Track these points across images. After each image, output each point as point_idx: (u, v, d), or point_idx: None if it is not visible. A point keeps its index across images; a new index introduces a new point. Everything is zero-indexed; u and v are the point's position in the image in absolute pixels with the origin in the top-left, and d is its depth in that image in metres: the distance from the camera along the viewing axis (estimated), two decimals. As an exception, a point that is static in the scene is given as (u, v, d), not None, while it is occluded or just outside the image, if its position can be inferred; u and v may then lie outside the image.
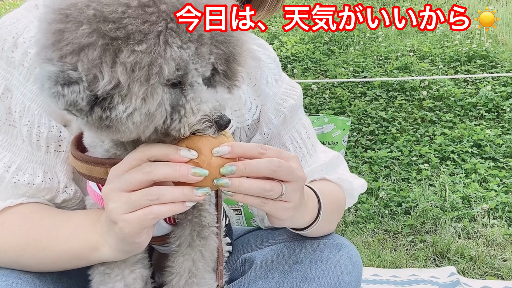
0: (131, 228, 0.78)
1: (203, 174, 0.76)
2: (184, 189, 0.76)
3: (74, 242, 0.89)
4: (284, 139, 1.25)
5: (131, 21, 0.68)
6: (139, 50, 0.68)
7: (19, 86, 0.96)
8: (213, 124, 0.76)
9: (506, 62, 5.47)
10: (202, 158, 0.76)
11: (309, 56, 6.08)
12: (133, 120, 0.71)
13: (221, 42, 0.77)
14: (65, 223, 0.92)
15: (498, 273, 2.57)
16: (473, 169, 3.81)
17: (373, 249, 2.84)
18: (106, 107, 0.70)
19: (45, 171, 0.99)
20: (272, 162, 0.80)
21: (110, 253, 0.86)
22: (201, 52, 0.75)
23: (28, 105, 0.96)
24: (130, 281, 0.91)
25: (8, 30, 0.97)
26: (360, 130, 4.56)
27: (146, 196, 0.76)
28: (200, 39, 0.74)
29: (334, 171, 1.25)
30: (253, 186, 0.79)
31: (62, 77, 0.68)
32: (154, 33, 0.69)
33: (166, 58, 0.70)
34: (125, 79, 0.68)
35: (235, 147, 0.78)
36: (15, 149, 0.97)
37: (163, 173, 0.76)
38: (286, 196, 0.83)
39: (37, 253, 0.92)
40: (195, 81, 0.76)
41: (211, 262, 0.94)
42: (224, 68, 0.81)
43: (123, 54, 0.68)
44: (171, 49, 0.70)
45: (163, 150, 0.77)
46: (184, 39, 0.72)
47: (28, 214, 0.95)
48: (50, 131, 0.98)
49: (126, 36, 0.68)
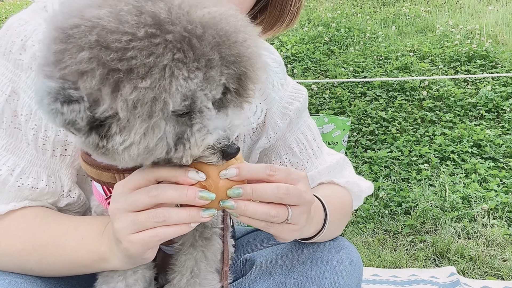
0: (136, 249, 0.79)
1: (210, 198, 0.75)
2: (191, 211, 0.76)
3: (81, 253, 0.90)
4: (289, 141, 1.25)
5: (136, 53, 0.63)
6: (142, 87, 0.64)
7: (27, 89, 0.95)
8: (217, 153, 0.73)
9: (506, 62, 5.47)
10: (210, 182, 0.76)
11: (309, 56, 6.08)
12: (130, 153, 0.68)
13: (232, 63, 0.73)
14: (71, 232, 0.92)
15: (498, 273, 2.58)
16: (473, 169, 3.82)
17: (373, 249, 2.84)
18: (103, 135, 0.68)
19: (49, 175, 0.98)
20: (279, 189, 0.79)
21: (118, 264, 0.87)
22: (211, 76, 0.71)
23: (35, 108, 0.95)
24: (131, 282, 0.91)
25: (17, 32, 0.96)
26: (360, 130, 4.56)
27: (153, 218, 0.75)
28: (208, 64, 0.69)
29: (341, 173, 1.25)
30: (259, 211, 0.78)
31: (63, 94, 0.65)
32: (160, 67, 0.64)
33: (172, 92, 0.65)
34: (125, 115, 0.65)
35: (242, 170, 0.77)
36: (20, 152, 0.97)
37: (170, 197, 0.75)
38: (293, 219, 0.82)
39: (44, 259, 0.92)
40: (205, 106, 0.72)
41: (213, 263, 0.94)
42: (236, 86, 0.77)
43: (125, 89, 0.64)
44: (177, 82, 0.66)
45: (171, 172, 0.75)
46: (191, 69, 0.67)
47: (32, 218, 0.95)
48: (57, 135, 0.97)
49: (128, 69, 0.64)
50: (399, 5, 7.66)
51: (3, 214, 0.94)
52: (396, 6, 7.65)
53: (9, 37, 0.96)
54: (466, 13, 7.20)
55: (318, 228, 1.01)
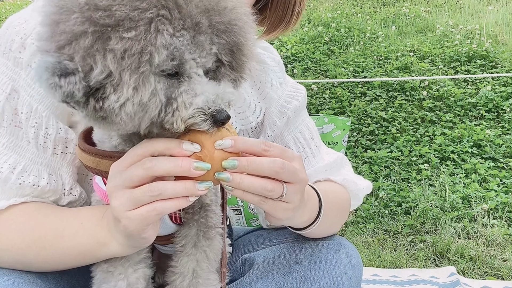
0: (135, 225, 0.78)
1: (206, 168, 0.75)
2: (187, 183, 0.76)
3: (81, 239, 0.89)
4: (287, 140, 1.25)
5: (121, 8, 0.67)
6: (127, 37, 0.66)
7: (27, 87, 0.96)
8: (208, 118, 0.73)
9: (506, 62, 5.47)
10: (205, 152, 0.75)
11: (309, 56, 6.08)
12: (126, 110, 0.69)
13: (222, 31, 0.74)
14: (70, 220, 0.92)
15: (498, 273, 2.58)
16: (473, 169, 3.82)
17: (373, 249, 2.84)
18: (99, 98, 0.69)
19: (50, 173, 0.99)
20: (275, 162, 0.79)
21: (118, 248, 0.86)
22: (199, 41, 0.72)
23: (35, 106, 0.96)
24: (133, 280, 0.90)
25: (16, 31, 0.97)
26: (360, 130, 4.56)
27: (148, 192, 0.75)
28: (196, 27, 0.71)
29: (338, 172, 1.25)
30: (255, 184, 0.78)
31: (59, 68, 0.67)
32: (144, 20, 0.67)
33: (157, 45, 0.68)
34: (115, 67, 0.67)
35: (238, 141, 0.77)
36: (21, 150, 0.97)
37: (165, 168, 0.75)
38: (287, 197, 0.82)
39: (43, 251, 0.92)
40: (194, 72, 0.74)
41: (215, 263, 0.94)
42: (229, 59, 0.78)
43: (112, 41, 0.66)
44: (162, 36, 0.68)
45: (165, 144, 0.76)
46: (177, 27, 0.69)
47: (32, 212, 0.95)
48: (58, 133, 0.98)
49: (115, 23, 0.66)
50: (399, 5, 7.66)
51: (3, 209, 0.94)
52: (396, 6, 7.64)
53: (8, 36, 0.97)
54: (466, 13, 7.20)
55: (313, 217, 1.00)
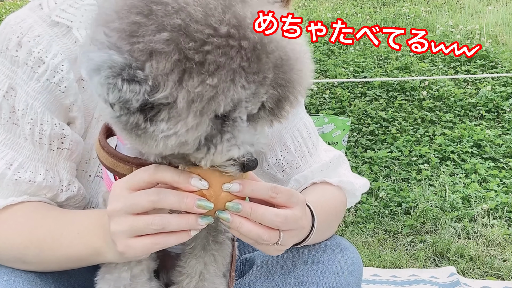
0: (134, 253, 0.79)
1: (208, 208, 0.75)
2: (190, 219, 0.76)
3: (77, 248, 0.90)
4: (284, 139, 1.25)
5: (212, 49, 0.63)
6: (209, 84, 0.63)
7: (23, 84, 0.97)
8: (237, 165, 0.73)
9: (506, 62, 5.47)
10: (211, 192, 0.75)
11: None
12: (167, 142, 0.67)
13: (279, 85, 0.73)
14: (67, 227, 0.92)
15: (498, 273, 2.58)
16: (473, 169, 3.82)
17: (373, 249, 2.84)
18: (148, 119, 0.66)
19: (47, 170, 0.99)
20: (278, 216, 0.79)
21: (113, 257, 0.87)
22: (258, 92, 0.71)
23: (31, 103, 0.96)
24: (137, 272, 0.90)
25: (13, 30, 0.97)
26: (360, 130, 4.56)
27: (152, 225, 0.75)
28: (263, 81, 0.70)
29: (335, 171, 1.24)
30: (252, 231, 0.78)
31: (128, 72, 0.63)
32: (227, 69, 0.64)
33: (228, 96, 0.65)
34: (182, 106, 0.64)
35: (246, 187, 0.77)
36: (18, 147, 0.97)
37: (169, 203, 0.75)
38: (282, 242, 0.83)
39: (42, 253, 0.92)
40: (239, 117, 0.72)
41: (222, 267, 0.94)
42: (273, 106, 0.77)
43: (192, 81, 0.63)
44: (235, 88, 0.66)
45: (173, 176, 0.75)
46: (249, 80, 0.67)
47: (30, 213, 0.95)
48: (53, 128, 0.98)
49: (201, 62, 0.63)
50: (399, 5, 7.66)
51: (1, 208, 0.94)
52: (396, 6, 7.64)
53: (5, 35, 0.97)
54: (466, 13, 7.20)
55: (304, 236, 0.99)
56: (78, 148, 1.04)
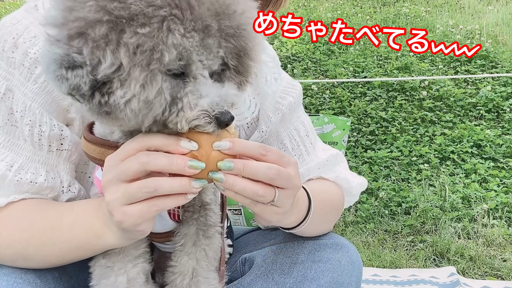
0: (132, 220, 0.77)
1: (200, 167, 0.75)
2: (183, 180, 0.75)
3: (77, 231, 0.89)
4: (282, 137, 1.25)
5: (136, 2, 0.67)
6: (141, 33, 0.67)
7: (20, 86, 0.97)
8: (213, 121, 0.73)
9: (506, 62, 5.47)
10: (202, 152, 0.75)
11: (309, 56, 6.08)
12: (131, 107, 0.69)
13: (231, 36, 0.75)
14: (67, 213, 0.92)
15: (498, 273, 2.58)
16: (473, 169, 3.81)
17: (373, 249, 2.84)
18: (105, 92, 0.70)
19: (48, 171, 0.99)
20: (271, 169, 0.79)
21: (114, 239, 0.86)
22: (208, 43, 0.73)
23: (29, 104, 0.97)
24: (133, 275, 0.90)
25: (9, 31, 0.98)
26: (360, 130, 4.56)
27: (144, 188, 0.75)
28: (206, 30, 0.72)
29: (332, 169, 1.25)
30: (247, 188, 0.78)
31: (67, 60, 0.68)
32: (158, 18, 0.67)
33: (168, 44, 0.68)
34: (127, 62, 0.67)
35: (236, 144, 0.77)
36: (17, 149, 0.97)
37: (160, 164, 0.74)
38: (278, 202, 0.82)
39: (42, 246, 0.92)
40: (200, 74, 0.74)
41: (214, 262, 0.94)
42: (235, 63, 0.78)
43: (126, 34, 0.67)
44: (173, 36, 0.68)
45: (162, 140, 0.76)
46: (187, 28, 0.70)
47: (30, 207, 0.95)
48: (52, 130, 0.98)
49: (130, 16, 0.67)
50: (399, 5, 7.66)
51: (3, 206, 0.94)
52: (396, 6, 7.64)
53: (1, 37, 0.98)
54: (466, 13, 7.20)
55: (301, 217, 1.00)
56: (77, 149, 1.04)
